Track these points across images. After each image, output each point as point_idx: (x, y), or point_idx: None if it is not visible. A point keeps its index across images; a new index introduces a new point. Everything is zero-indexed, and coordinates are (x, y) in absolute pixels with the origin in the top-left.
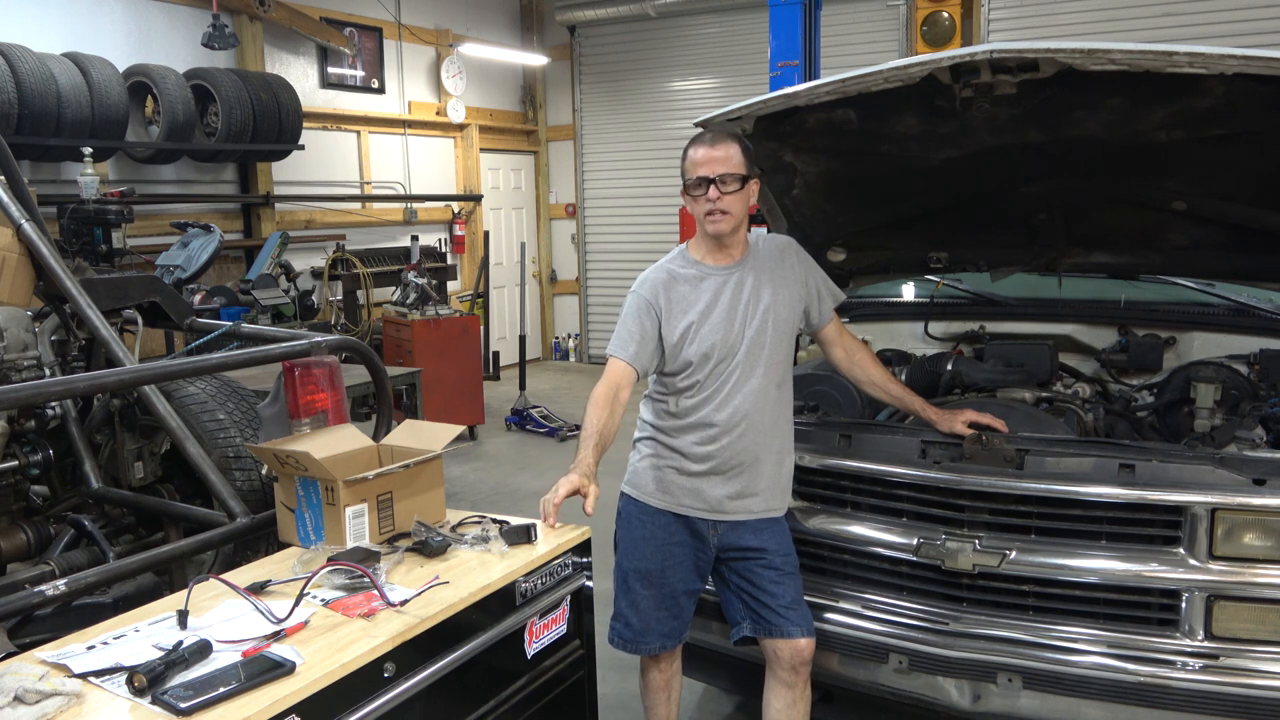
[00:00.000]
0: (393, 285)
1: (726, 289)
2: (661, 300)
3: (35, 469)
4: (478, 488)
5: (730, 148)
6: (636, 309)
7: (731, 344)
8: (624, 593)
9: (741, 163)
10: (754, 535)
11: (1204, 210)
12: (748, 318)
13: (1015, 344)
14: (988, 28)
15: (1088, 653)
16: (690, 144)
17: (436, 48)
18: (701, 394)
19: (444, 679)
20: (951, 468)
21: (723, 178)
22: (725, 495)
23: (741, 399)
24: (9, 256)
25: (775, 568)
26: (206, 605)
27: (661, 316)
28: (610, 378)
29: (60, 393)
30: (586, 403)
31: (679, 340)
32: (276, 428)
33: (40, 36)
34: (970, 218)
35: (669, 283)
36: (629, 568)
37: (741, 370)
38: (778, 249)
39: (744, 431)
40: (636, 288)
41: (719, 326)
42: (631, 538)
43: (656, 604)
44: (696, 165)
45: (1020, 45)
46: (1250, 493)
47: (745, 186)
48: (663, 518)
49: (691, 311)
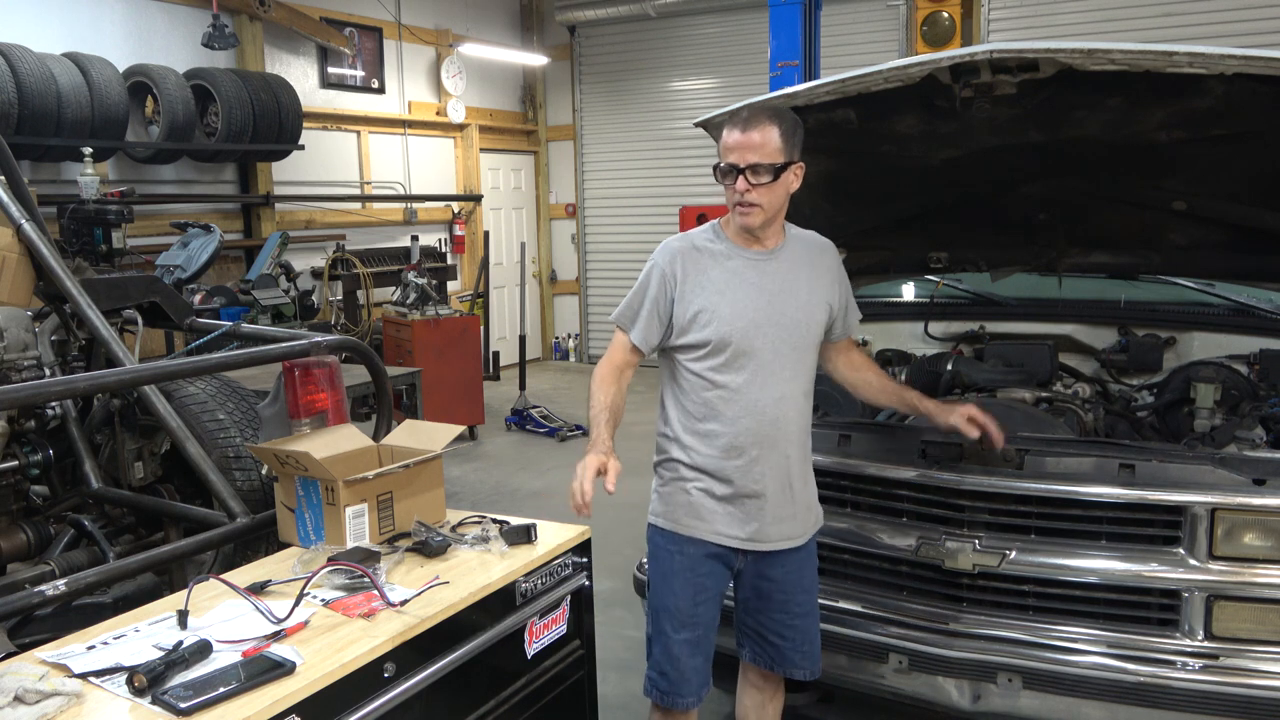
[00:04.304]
0: (393, 285)
1: (756, 275)
2: (679, 271)
3: (35, 469)
4: (478, 488)
5: (767, 131)
6: (652, 278)
7: (755, 336)
8: (658, 637)
9: (779, 149)
10: (781, 568)
11: (1204, 210)
12: (777, 311)
13: (1015, 344)
14: (988, 28)
15: (1088, 653)
16: (726, 121)
17: (436, 48)
18: (721, 389)
19: (444, 679)
20: (951, 468)
21: (754, 168)
22: (766, 521)
23: (771, 401)
24: (9, 256)
25: (792, 611)
26: (206, 605)
27: (675, 290)
28: (614, 355)
29: (60, 393)
30: (590, 381)
31: (691, 319)
32: (276, 428)
33: (40, 36)
34: (970, 218)
35: (691, 253)
36: (659, 606)
37: (769, 370)
38: (818, 247)
39: (772, 436)
40: (656, 256)
41: (743, 313)
42: (661, 572)
43: (692, 649)
44: (728, 150)
45: (1020, 45)
46: (1250, 493)
47: (781, 176)
48: (693, 547)
49: (709, 289)
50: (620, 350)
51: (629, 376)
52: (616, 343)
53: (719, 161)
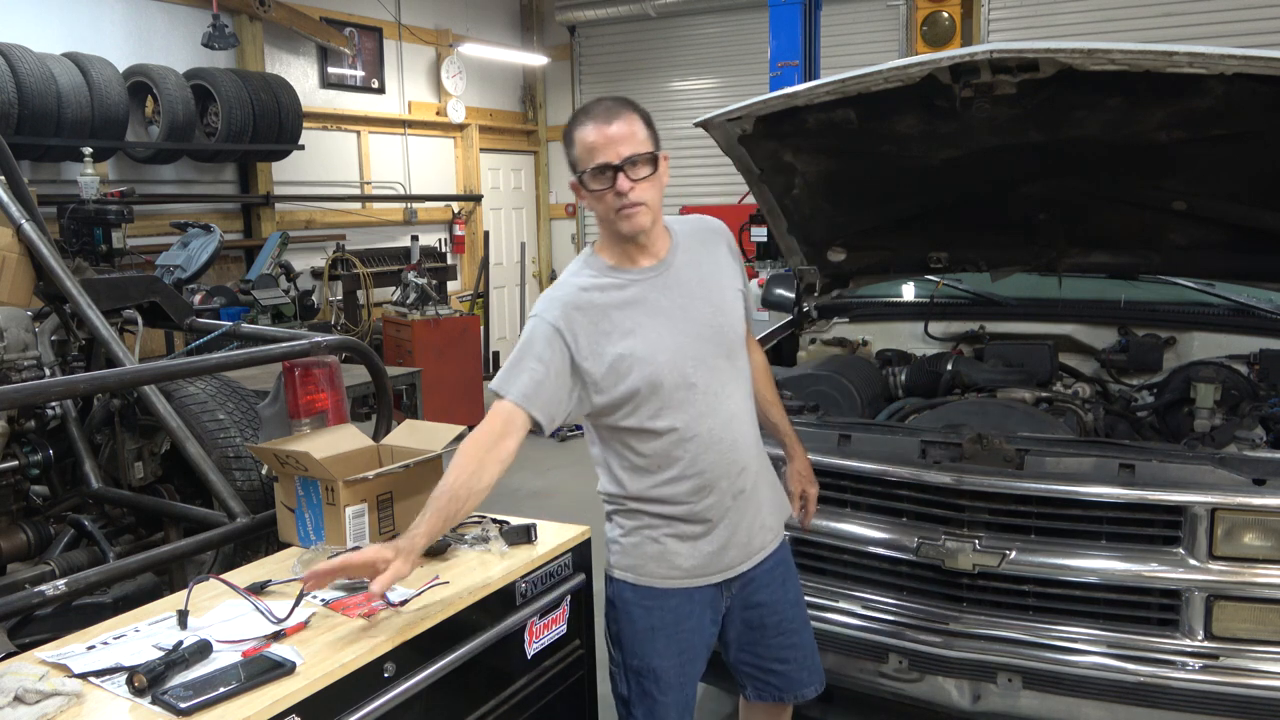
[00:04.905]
0: (393, 285)
1: (658, 294)
2: (574, 328)
3: (35, 469)
4: None
5: (631, 120)
6: (536, 337)
7: (684, 363)
8: (640, 700)
9: (648, 137)
10: (766, 589)
11: (1204, 210)
12: (695, 325)
13: (1015, 344)
14: (988, 28)
15: (1088, 653)
16: (575, 123)
17: (436, 48)
18: (669, 435)
19: (444, 679)
20: (951, 468)
21: (631, 161)
22: (745, 539)
23: (723, 425)
24: (9, 256)
25: (787, 630)
26: (206, 605)
27: (575, 348)
28: (491, 421)
29: (60, 393)
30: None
31: (610, 373)
32: (276, 428)
33: (40, 36)
34: (970, 218)
35: (580, 301)
36: (640, 669)
37: (711, 392)
38: (707, 232)
39: (736, 460)
40: (539, 310)
41: (661, 344)
42: (634, 631)
43: (681, 711)
44: (593, 150)
45: (1020, 45)
46: (1250, 493)
47: (659, 167)
48: (671, 599)
49: (616, 334)
50: (498, 417)
51: (509, 450)
52: (496, 409)
53: (581, 171)
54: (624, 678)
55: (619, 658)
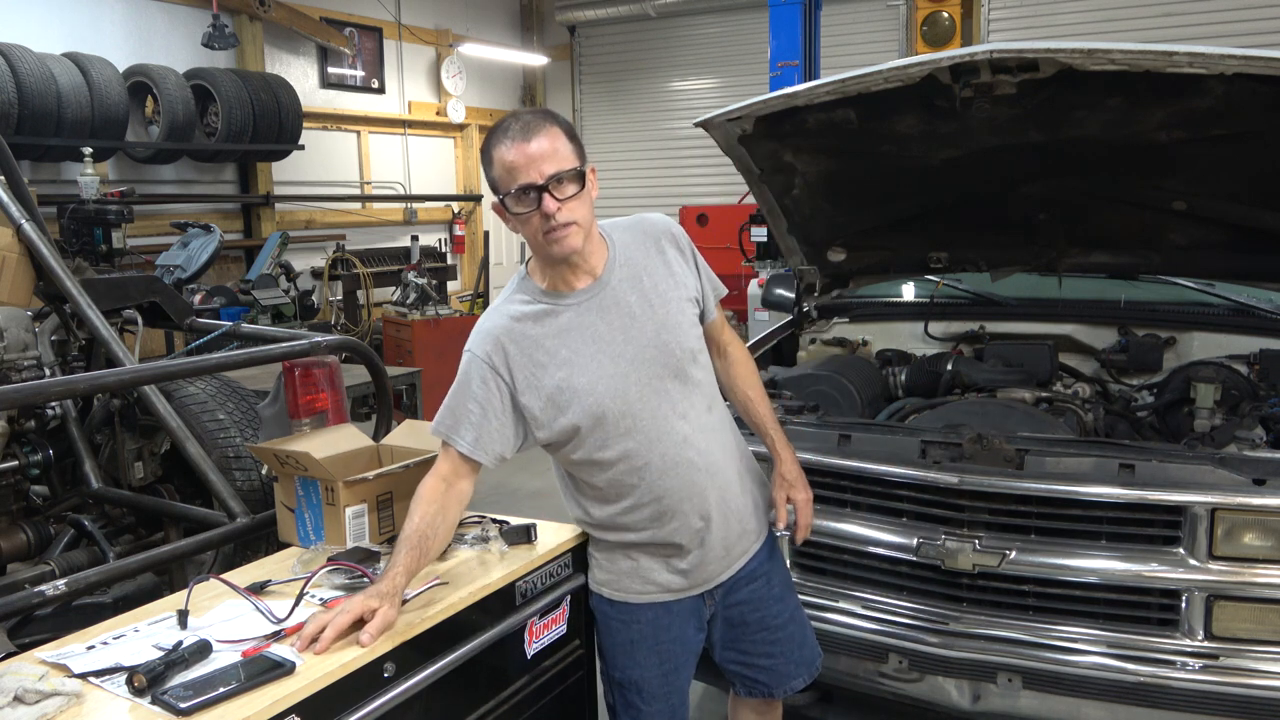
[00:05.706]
0: (393, 285)
1: (596, 317)
2: (507, 362)
3: (35, 469)
4: (477, 487)
5: (553, 135)
6: (472, 378)
7: (628, 390)
8: (626, 711)
9: (572, 152)
10: (748, 586)
11: (1204, 210)
12: (638, 347)
13: (1015, 344)
14: (988, 28)
15: (1088, 653)
16: (492, 141)
17: (436, 48)
18: (619, 464)
19: (444, 679)
20: (951, 468)
21: (556, 179)
22: (722, 553)
23: (676, 448)
24: (9, 256)
25: (771, 625)
26: (206, 605)
27: (512, 382)
28: (440, 466)
29: (60, 393)
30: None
31: (549, 406)
32: (276, 428)
33: (40, 36)
34: (970, 218)
35: (514, 333)
36: (623, 681)
37: (660, 416)
38: (647, 235)
39: (696, 482)
40: (471, 345)
41: (601, 372)
42: (614, 644)
43: (668, 719)
44: (514, 171)
45: (1020, 45)
46: (1250, 493)
47: (587, 183)
48: (649, 612)
49: (551, 366)
50: (446, 461)
51: (466, 490)
52: (442, 453)
53: (503, 194)
54: (609, 689)
55: (603, 668)
